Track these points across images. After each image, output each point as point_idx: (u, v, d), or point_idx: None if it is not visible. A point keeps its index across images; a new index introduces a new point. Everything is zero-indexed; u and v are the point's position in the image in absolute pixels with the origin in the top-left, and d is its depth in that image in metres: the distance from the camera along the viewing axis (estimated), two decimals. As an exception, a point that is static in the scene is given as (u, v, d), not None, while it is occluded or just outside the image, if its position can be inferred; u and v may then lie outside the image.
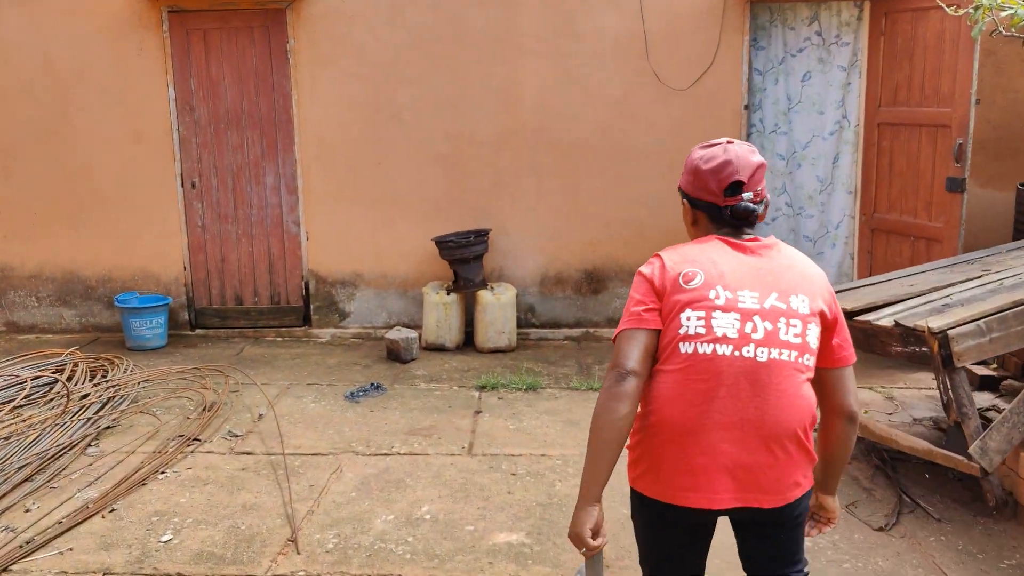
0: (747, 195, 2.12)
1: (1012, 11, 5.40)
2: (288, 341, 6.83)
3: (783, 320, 2.01)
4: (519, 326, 6.78)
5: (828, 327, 2.08)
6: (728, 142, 2.21)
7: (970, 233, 5.99)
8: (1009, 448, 3.58)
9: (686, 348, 2.00)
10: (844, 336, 2.11)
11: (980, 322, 3.51)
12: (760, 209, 2.14)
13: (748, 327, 1.99)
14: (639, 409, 2.05)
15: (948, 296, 3.92)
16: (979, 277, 4.17)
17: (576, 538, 1.98)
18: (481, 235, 6.50)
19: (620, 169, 6.67)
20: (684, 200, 2.24)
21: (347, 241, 6.85)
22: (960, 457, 3.60)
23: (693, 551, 2.18)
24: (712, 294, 2.02)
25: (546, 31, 6.50)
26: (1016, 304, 3.56)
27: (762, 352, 1.98)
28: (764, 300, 2.02)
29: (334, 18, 6.54)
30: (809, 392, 2.03)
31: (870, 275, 6.66)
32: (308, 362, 6.26)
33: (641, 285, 2.10)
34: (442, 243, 6.47)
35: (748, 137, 6.73)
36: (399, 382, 5.78)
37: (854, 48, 6.69)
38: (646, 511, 2.13)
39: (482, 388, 5.61)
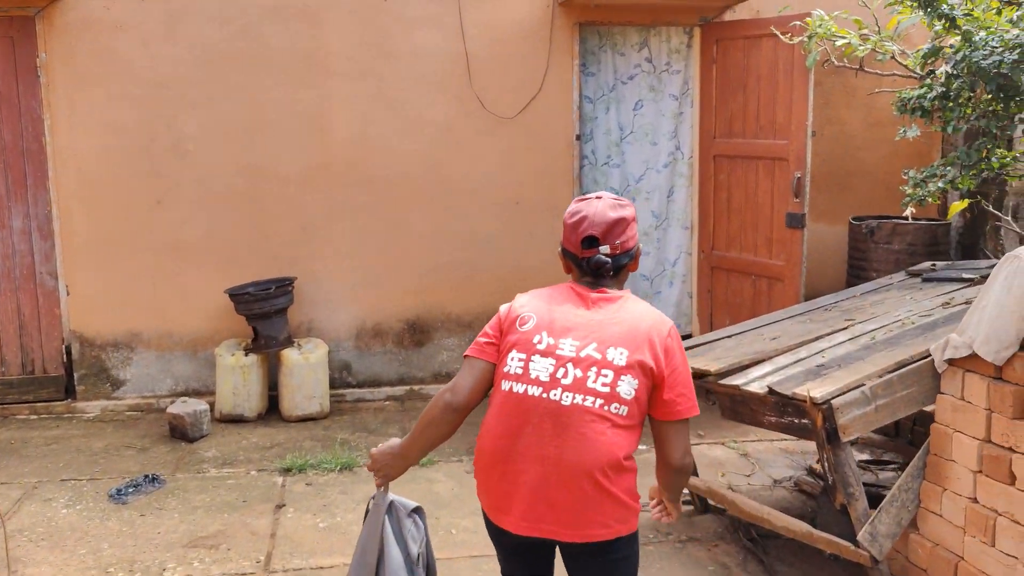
0: (603, 248, 2.27)
1: (845, 40, 5.18)
2: (45, 419, 5.56)
3: (595, 369, 2.14)
4: (333, 387, 5.87)
5: (657, 383, 2.16)
6: (596, 197, 2.35)
7: (808, 270, 5.72)
8: (899, 531, 3.12)
9: (506, 386, 2.19)
10: (679, 391, 2.17)
11: (865, 388, 3.04)
12: (612, 262, 2.27)
13: (560, 372, 2.15)
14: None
15: (820, 354, 3.45)
16: (845, 328, 3.76)
17: (372, 456, 2.34)
18: (284, 285, 5.56)
19: (446, 206, 5.95)
20: (559, 250, 2.41)
21: (120, 295, 5.70)
22: (846, 544, 3.10)
23: (524, 571, 2.35)
24: (536, 339, 2.20)
25: (358, 50, 5.70)
26: (900, 365, 3.12)
27: (567, 396, 2.13)
28: (582, 349, 2.16)
29: (97, 29, 5.43)
30: (614, 438, 2.11)
31: (711, 315, 6.29)
32: (67, 448, 5.06)
33: (493, 319, 2.32)
34: (237, 296, 5.48)
35: (581, 170, 6.22)
36: (183, 469, 4.73)
37: (685, 76, 6.35)
38: (485, 522, 2.29)
39: (287, 471, 4.67)
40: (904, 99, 4.62)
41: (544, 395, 2.12)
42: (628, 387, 2.12)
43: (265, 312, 5.46)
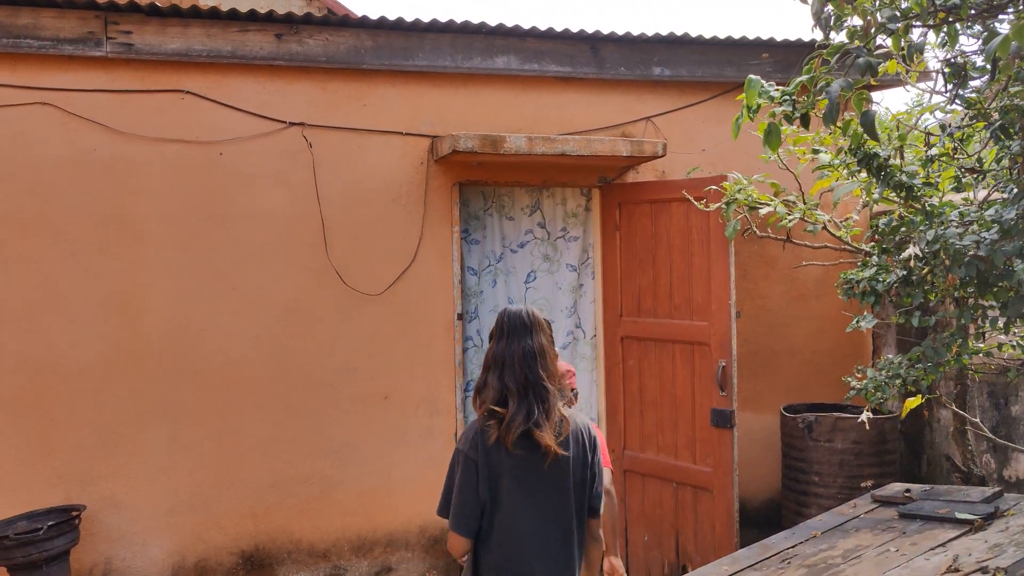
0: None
1: (770, 208, 4.41)
2: None
3: None
4: (137, 651, 4.38)
5: None
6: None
7: (738, 474, 4.71)
8: None
9: None
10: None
11: None
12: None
13: None
14: None
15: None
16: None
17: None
18: (65, 520, 4.14)
19: (292, 405, 4.72)
20: None
21: None
22: None
23: None
24: None
25: (181, 213, 4.57)
26: None
27: None
28: None
29: None
30: None
31: (625, 530, 5.15)
32: None
33: None
34: (-5, 539, 4.02)
35: (464, 354, 5.15)
36: None
37: (584, 244, 5.47)
38: None
39: None
40: (850, 281, 3.81)
41: None
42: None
43: (32, 561, 4.00)
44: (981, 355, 3.98)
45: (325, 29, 4.70)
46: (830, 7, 2.54)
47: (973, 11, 2.45)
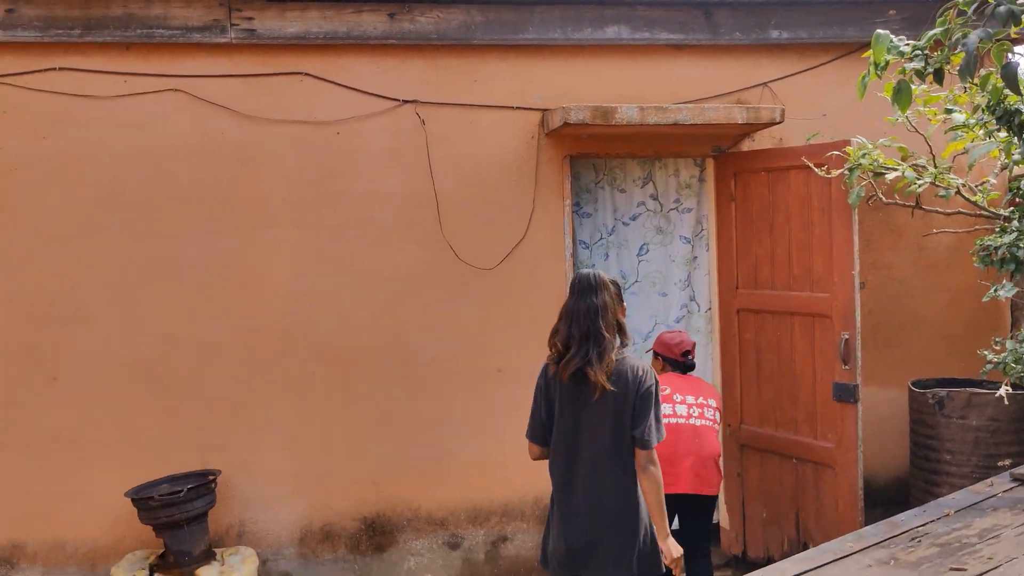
0: (691, 357, 4.27)
1: (897, 172, 4.19)
2: None
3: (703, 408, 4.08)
4: (269, 609, 4.62)
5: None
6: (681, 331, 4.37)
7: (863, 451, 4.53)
8: None
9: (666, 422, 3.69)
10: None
11: None
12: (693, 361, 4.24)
13: (692, 411, 4.07)
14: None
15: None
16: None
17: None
18: (203, 484, 4.38)
19: (409, 378, 4.84)
20: (658, 357, 4.27)
21: (1, 497, 4.52)
22: None
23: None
24: (676, 397, 4.09)
25: (301, 193, 4.73)
26: None
27: (695, 421, 4.06)
28: (696, 399, 4.12)
29: (-15, 172, 4.49)
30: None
31: (742, 504, 5.06)
32: None
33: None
34: (142, 501, 4.30)
35: (577, 328, 5.13)
36: None
37: (698, 215, 5.36)
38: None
39: None
40: (988, 247, 3.59)
41: (684, 422, 4.06)
42: (715, 414, 4.13)
43: (175, 520, 4.26)
44: None
45: (436, 6, 4.75)
46: (967, -47, 2.38)
47: None
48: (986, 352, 3.99)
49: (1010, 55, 2.65)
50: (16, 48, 4.48)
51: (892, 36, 3.01)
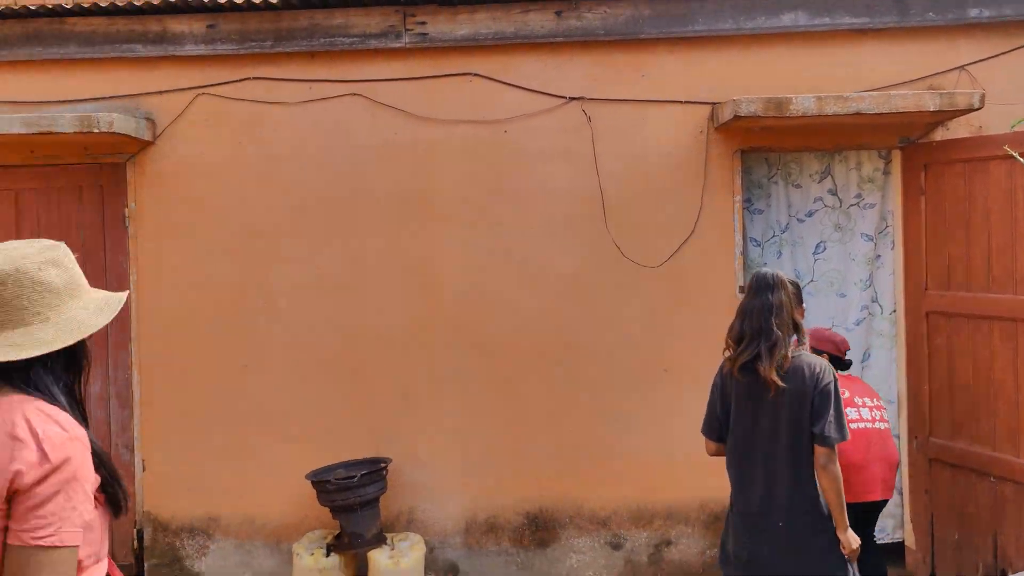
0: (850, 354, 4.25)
1: (1120, 162, 3.73)
2: (104, 620, 4.78)
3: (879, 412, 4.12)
4: (435, 595, 4.77)
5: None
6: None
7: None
8: None
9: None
10: None
11: None
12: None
13: (873, 414, 4.08)
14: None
15: None
16: None
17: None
18: (376, 470, 4.58)
19: (575, 375, 4.84)
20: (821, 355, 3.94)
21: (199, 473, 4.93)
22: None
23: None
24: (856, 400, 4.10)
25: (471, 191, 4.85)
26: None
27: (879, 425, 4.05)
28: (873, 400, 4.16)
29: (189, 175, 4.91)
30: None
31: (931, 523, 4.68)
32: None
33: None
34: (320, 484, 4.55)
35: (748, 329, 4.94)
36: None
37: (882, 211, 5.02)
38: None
39: None
40: None
41: (868, 426, 4.03)
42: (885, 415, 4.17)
43: (349, 504, 4.49)
44: None
45: (604, 2, 4.72)
46: None
47: None
48: None
49: None
50: (216, 60, 4.87)
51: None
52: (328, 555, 4.55)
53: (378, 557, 4.51)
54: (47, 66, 4.91)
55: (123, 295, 1.86)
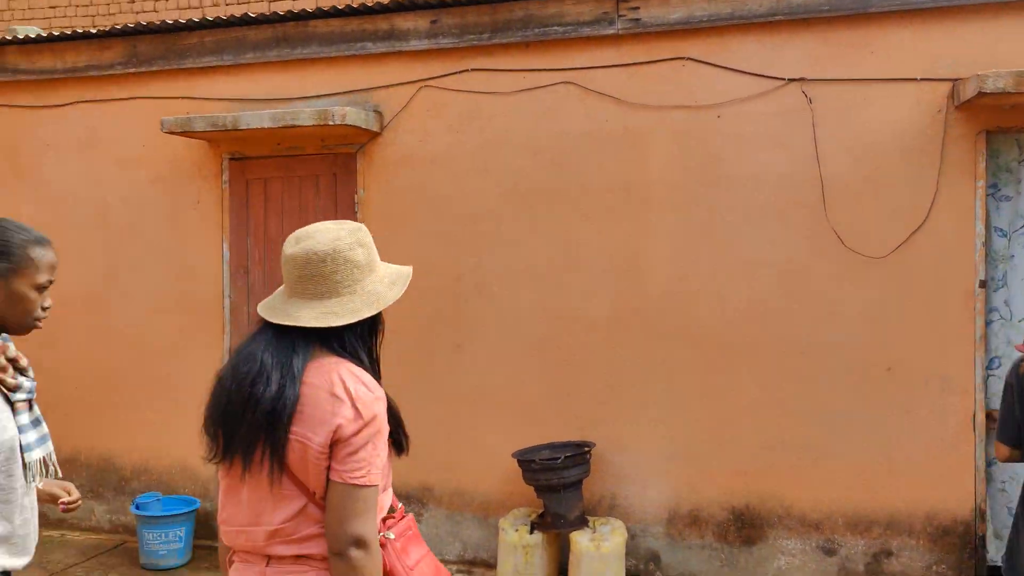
0: None
1: None
2: None
3: None
4: (636, 582, 4.78)
5: None
6: None
7: None
8: None
9: None
10: None
11: None
12: None
13: None
14: None
15: None
16: None
17: None
18: (581, 453, 4.66)
19: (785, 370, 4.64)
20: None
21: (414, 444, 5.22)
22: None
23: None
24: None
25: (682, 177, 4.77)
26: None
27: None
28: None
29: (411, 164, 5.21)
30: None
31: None
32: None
33: None
34: (525, 463, 4.70)
35: (987, 327, 4.50)
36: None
37: None
38: None
39: None
40: None
41: None
42: None
43: (552, 485, 4.59)
44: None
45: (830, -24, 4.45)
46: None
47: None
48: None
49: None
50: (438, 54, 5.12)
51: None
52: (532, 532, 4.69)
53: (580, 539, 4.58)
54: (291, 66, 5.40)
55: (409, 270, 2.17)
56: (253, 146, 5.45)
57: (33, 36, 5.81)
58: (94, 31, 5.66)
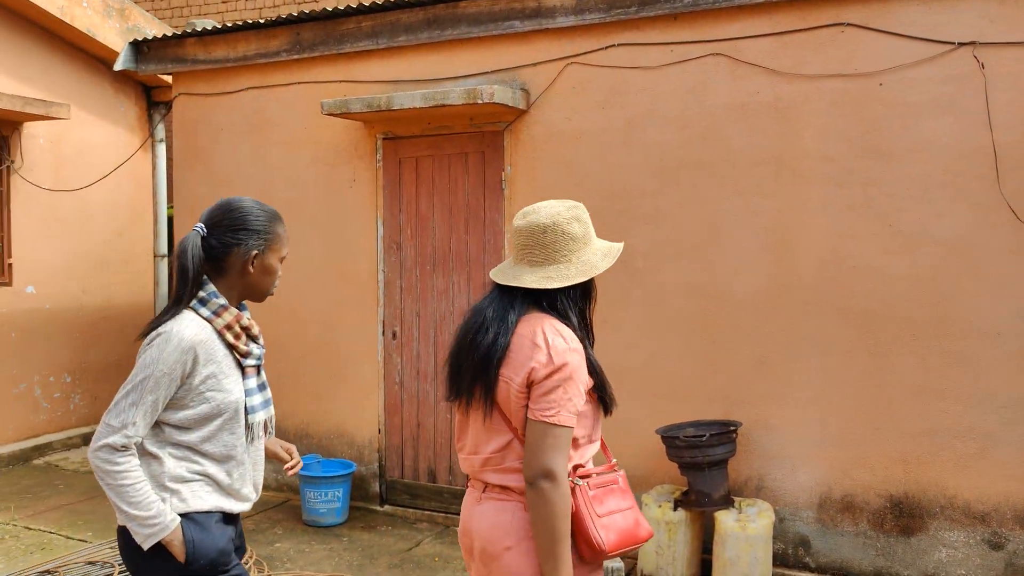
0: None
1: None
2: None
3: None
4: (784, 566, 4.68)
5: None
6: None
7: None
8: None
9: None
10: None
11: None
12: None
13: None
14: None
15: None
16: None
17: None
18: (726, 432, 4.58)
19: (950, 352, 4.38)
20: None
21: (558, 418, 5.32)
22: None
23: None
24: None
25: (838, 149, 4.57)
26: None
27: None
28: None
29: (557, 140, 5.25)
30: None
31: None
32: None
33: None
34: (669, 439, 4.67)
35: None
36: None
37: None
38: None
39: None
40: None
41: None
42: None
43: (697, 463, 4.54)
44: None
45: (1008, -72, 4.12)
46: None
47: None
48: None
49: None
50: (584, 30, 5.12)
51: None
52: (675, 509, 4.66)
53: (725, 519, 4.52)
54: (441, 47, 5.55)
55: (620, 245, 2.39)
56: (405, 126, 5.65)
57: (209, 28, 6.25)
58: (262, 21, 6.02)
